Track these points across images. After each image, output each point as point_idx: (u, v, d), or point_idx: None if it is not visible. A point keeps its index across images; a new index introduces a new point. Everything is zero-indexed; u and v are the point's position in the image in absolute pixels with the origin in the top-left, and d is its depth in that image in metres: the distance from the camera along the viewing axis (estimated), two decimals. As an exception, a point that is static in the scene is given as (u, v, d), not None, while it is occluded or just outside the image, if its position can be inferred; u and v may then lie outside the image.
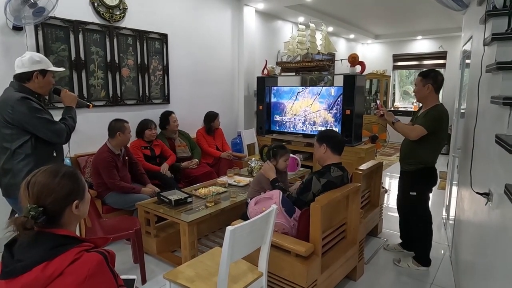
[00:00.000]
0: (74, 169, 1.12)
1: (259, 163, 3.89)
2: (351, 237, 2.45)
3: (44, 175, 1.02)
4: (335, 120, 4.55)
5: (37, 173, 1.03)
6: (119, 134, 3.07)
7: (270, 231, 1.81)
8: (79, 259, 0.98)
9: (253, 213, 2.21)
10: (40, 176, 1.02)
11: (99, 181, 3.00)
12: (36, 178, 1.01)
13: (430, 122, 2.55)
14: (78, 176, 1.10)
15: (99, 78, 3.51)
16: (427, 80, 2.57)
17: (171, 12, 4.14)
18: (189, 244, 2.57)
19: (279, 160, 2.58)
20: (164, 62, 4.11)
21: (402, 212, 2.88)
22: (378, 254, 3.00)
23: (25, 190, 1.00)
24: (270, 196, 2.19)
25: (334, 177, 2.24)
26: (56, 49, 3.15)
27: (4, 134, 1.93)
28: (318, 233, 2.01)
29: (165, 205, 2.86)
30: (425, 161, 2.61)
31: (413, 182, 2.69)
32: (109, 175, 2.97)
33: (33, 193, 0.99)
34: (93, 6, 3.38)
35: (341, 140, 2.37)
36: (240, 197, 3.05)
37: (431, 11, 5.97)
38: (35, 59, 2.03)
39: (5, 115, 1.90)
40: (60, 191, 1.02)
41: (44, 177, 1.01)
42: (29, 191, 0.99)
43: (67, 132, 2.08)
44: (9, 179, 1.96)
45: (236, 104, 5.35)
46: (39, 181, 1.01)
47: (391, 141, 5.54)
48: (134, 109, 3.88)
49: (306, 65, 4.78)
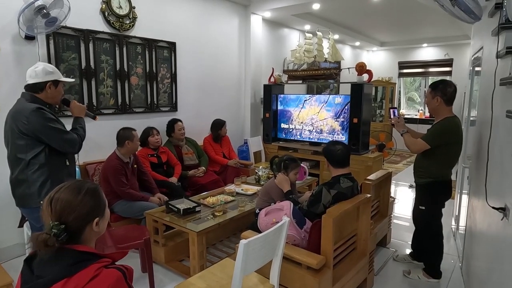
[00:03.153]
0: (96, 185, 1.12)
1: (266, 171, 3.88)
2: (361, 248, 2.43)
3: (67, 192, 1.02)
4: (342, 128, 4.54)
5: (60, 190, 1.03)
6: (128, 142, 3.09)
7: (283, 243, 1.80)
8: (98, 275, 0.98)
9: (263, 223, 2.20)
10: (63, 193, 1.02)
11: (108, 188, 3.01)
12: (59, 194, 1.01)
13: (433, 137, 2.52)
14: (99, 193, 1.10)
15: (108, 86, 3.54)
16: (436, 92, 2.51)
17: (179, 20, 4.17)
18: (198, 254, 2.56)
19: (290, 173, 2.58)
20: (172, 70, 4.14)
21: (416, 224, 2.84)
22: (388, 265, 2.97)
23: (48, 207, 1.00)
24: (281, 207, 2.19)
25: (344, 188, 2.23)
26: (67, 58, 3.18)
27: (18, 145, 1.95)
28: (330, 245, 1.99)
29: (174, 214, 2.86)
30: (434, 175, 2.56)
31: (423, 196, 2.66)
32: (118, 182, 2.99)
33: (55, 210, 0.99)
34: (103, 15, 3.42)
35: (340, 154, 2.29)
36: (248, 207, 3.04)
37: (437, 19, 5.97)
38: (48, 70, 2.06)
39: (20, 126, 1.92)
40: (83, 209, 1.02)
41: (67, 194, 1.02)
42: (52, 207, 1.00)
43: (79, 142, 2.09)
44: (23, 189, 1.97)
45: (242, 112, 5.36)
46: (62, 198, 1.01)
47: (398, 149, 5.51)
48: (142, 117, 3.90)
49: (313, 73, 4.79)
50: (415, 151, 2.61)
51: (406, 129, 2.68)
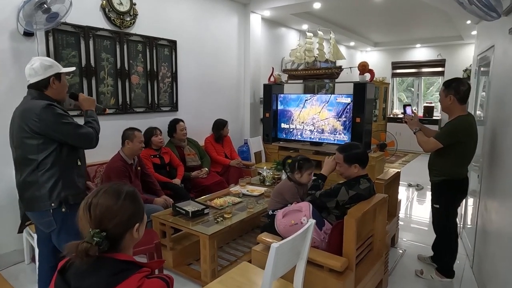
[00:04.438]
0: (134, 188, 1.04)
1: (270, 172, 3.83)
2: (377, 249, 2.40)
3: (106, 197, 0.94)
4: (344, 128, 4.52)
5: (98, 194, 0.95)
6: (127, 142, 3.00)
7: (308, 246, 1.74)
8: (141, 286, 0.90)
9: (281, 225, 2.14)
10: (102, 197, 0.94)
11: None
12: (97, 199, 0.93)
13: (445, 135, 2.51)
14: (139, 197, 1.02)
15: (109, 85, 3.42)
16: (449, 90, 2.50)
17: (180, 18, 4.08)
18: (209, 257, 2.48)
19: (304, 173, 2.52)
20: (173, 69, 4.04)
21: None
22: (399, 265, 2.95)
23: (86, 213, 0.92)
24: (299, 209, 2.13)
25: (363, 189, 2.19)
26: (67, 55, 3.06)
27: (29, 146, 1.82)
28: (353, 247, 1.95)
29: (181, 216, 2.77)
30: (448, 173, 2.55)
31: (437, 194, 2.65)
32: None
33: (95, 216, 0.91)
34: (104, 12, 3.30)
35: (366, 155, 2.31)
36: (257, 208, 2.97)
37: (432, 19, 6.04)
38: (47, 64, 1.92)
39: (31, 125, 1.80)
40: (123, 214, 0.95)
41: (106, 199, 0.94)
42: (91, 213, 0.91)
43: (95, 135, 1.98)
44: (33, 191, 1.85)
45: (242, 112, 5.29)
46: (101, 203, 0.93)
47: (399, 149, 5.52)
48: (143, 117, 3.79)
49: (314, 73, 4.76)
50: (427, 150, 2.60)
51: (419, 128, 2.66)
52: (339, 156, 2.31)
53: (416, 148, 8.47)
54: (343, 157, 2.29)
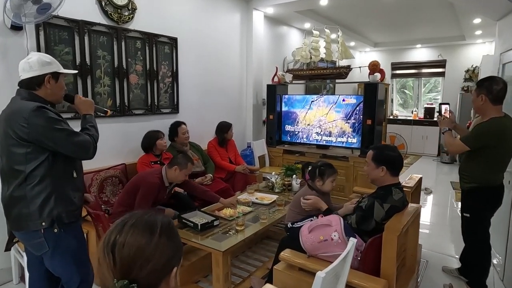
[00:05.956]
0: (169, 219, 0.78)
1: (279, 178, 3.58)
2: (410, 264, 2.18)
3: (136, 234, 0.68)
4: (353, 130, 4.30)
5: (124, 229, 0.69)
6: (176, 169, 2.66)
7: (347, 268, 1.51)
8: None
9: (308, 242, 1.89)
10: (130, 234, 0.68)
11: (128, 201, 2.61)
12: (124, 237, 0.67)
13: (472, 138, 2.32)
14: (176, 231, 0.77)
15: (106, 85, 3.14)
16: (481, 90, 2.31)
17: (180, 13, 3.81)
18: (223, 276, 2.22)
19: (326, 180, 2.28)
20: (174, 68, 3.77)
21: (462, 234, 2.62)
22: (425, 278, 2.73)
23: (108, 256, 0.66)
24: (328, 223, 1.89)
25: (397, 200, 1.97)
26: (59, 52, 2.77)
27: (15, 155, 1.55)
28: (393, 266, 1.72)
29: (189, 229, 2.51)
30: (478, 180, 2.36)
31: (467, 202, 2.46)
32: (144, 202, 2.57)
33: (122, 262, 0.65)
34: (100, 5, 3.02)
35: (401, 161, 2.08)
36: (271, 218, 2.73)
37: (435, 19, 5.89)
38: (45, 60, 1.66)
39: (18, 130, 1.52)
40: (160, 257, 0.69)
41: (136, 237, 0.68)
42: (115, 257, 0.65)
43: (93, 144, 1.71)
44: (20, 208, 1.57)
45: (244, 113, 5.04)
46: (130, 243, 0.67)
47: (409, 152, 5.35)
48: (142, 120, 3.51)
49: (321, 72, 4.54)
50: (452, 152, 2.44)
51: (448, 128, 2.46)
52: (369, 154, 2.11)
53: (416, 149, 8.39)
54: (372, 155, 2.08)
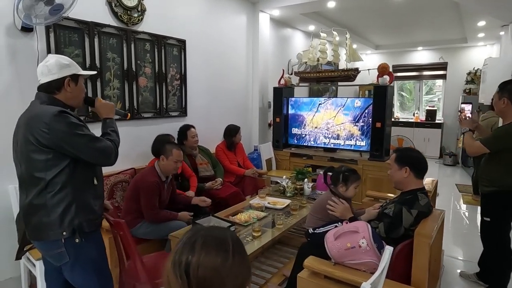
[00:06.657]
0: (235, 233, 0.73)
1: (290, 182, 3.53)
2: (434, 270, 2.13)
3: (210, 253, 0.63)
4: (361, 133, 4.27)
5: (195, 248, 0.63)
6: (162, 158, 2.65)
7: (383, 278, 1.46)
8: None
9: (335, 249, 1.84)
10: (204, 254, 0.62)
11: (134, 207, 2.55)
12: (198, 258, 0.62)
13: (492, 140, 2.31)
14: (244, 248, 0.71)
15: (115, 88, 3.07)
16: (503, 93, 2.31)
17: (188, 16, 3.76)
18: (242, 284, 2.16)
19: (350, 186, 2.24)
20: (182, 70, 3.71)
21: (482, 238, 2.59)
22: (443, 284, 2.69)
23: (182, 279, 0.60)
24: (355, 229, 1.84)
25: (423, 205, 1.93)
26: (70, 54, 2.70)
27: (36, 161, 1.48)
28: (425, 274, 1.67)
29: (204, 236, 2.44)
30: (498, 184, 2.34)
31: (487, 207, 2.44)
32: (150, 204, 2.53)
33: (198, 284, 0.60)
34: (110, 6, 2.96)
35: (426, 163, 2.05)
36: (287, 224, 2.67)
37: (438, 21, 5.89)
38: (64, 63, 1.60)
39: (38, 136, 1.45)
40: (235, 279, 0.64)
41: (210, 257, 0.62)
42: (190, 280, 0.60)
43: (114, 150, 1.64)
44: (40, 217, 1.50)
45: (250, 116, 4.99)
46: (205, 264, 0.61)
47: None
48: (151, 123, 3.44)
49: (329, 75, 4.51)
50: (471, 153, 2.41)
51: (468, 128, 2.44)
52: (392, 156, 2.10)
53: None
54: (395, 156, 2.08)
